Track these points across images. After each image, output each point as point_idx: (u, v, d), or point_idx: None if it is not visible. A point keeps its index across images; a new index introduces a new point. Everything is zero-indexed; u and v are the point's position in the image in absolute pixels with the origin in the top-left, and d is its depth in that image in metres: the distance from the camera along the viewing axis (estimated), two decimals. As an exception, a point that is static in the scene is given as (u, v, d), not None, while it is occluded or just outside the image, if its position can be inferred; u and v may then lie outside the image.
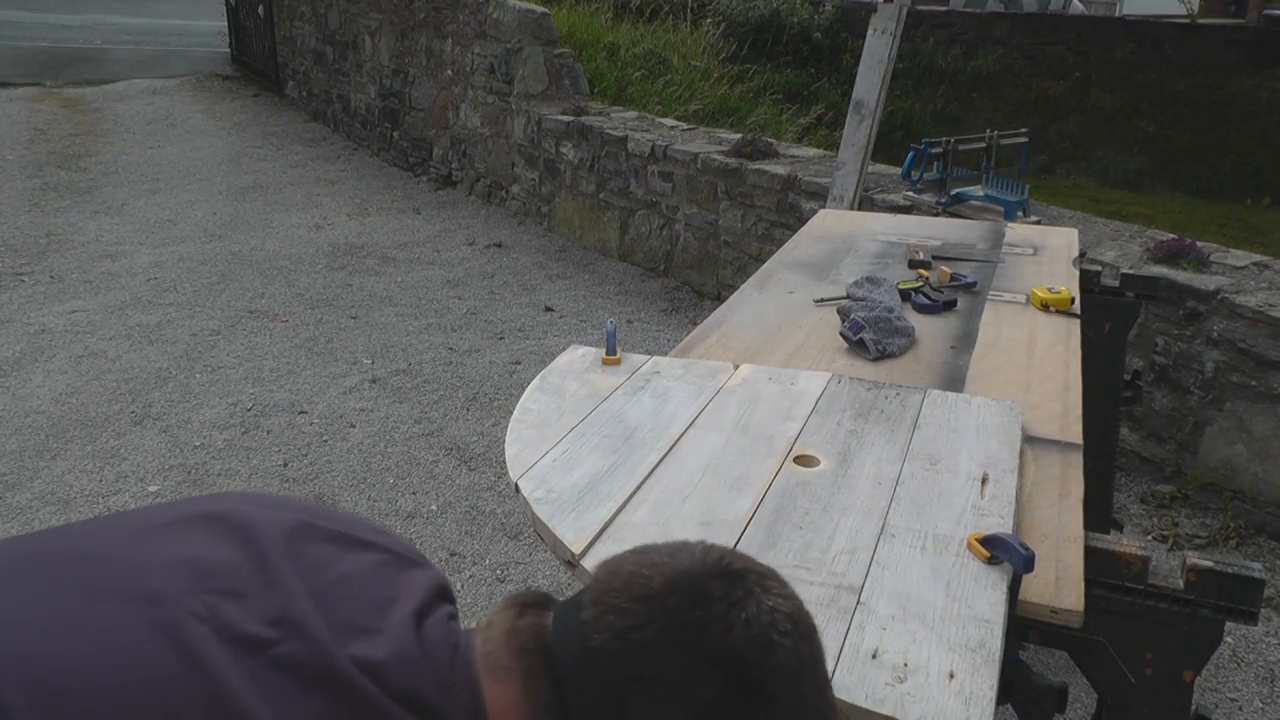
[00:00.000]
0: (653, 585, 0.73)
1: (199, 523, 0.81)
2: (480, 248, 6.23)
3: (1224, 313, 3.37)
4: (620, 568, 0.77)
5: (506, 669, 0.75)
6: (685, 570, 0.74)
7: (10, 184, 7.24)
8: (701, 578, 0.73)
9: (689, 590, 0.72)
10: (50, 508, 3.31)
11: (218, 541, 0.78)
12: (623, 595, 0.73)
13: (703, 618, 0.71)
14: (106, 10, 14.29)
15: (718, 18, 10.19)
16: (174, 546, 0.77)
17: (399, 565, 0.84)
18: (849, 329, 1.96)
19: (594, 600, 0.75)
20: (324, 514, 0.86)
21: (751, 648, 0.70)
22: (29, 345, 4.60)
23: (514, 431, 1.58)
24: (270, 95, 10.45)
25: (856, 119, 4.44)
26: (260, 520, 0.80)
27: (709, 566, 0.74)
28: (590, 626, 0.73)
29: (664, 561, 0.75)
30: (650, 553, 0.78)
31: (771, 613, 0.72)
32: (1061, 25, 15.11)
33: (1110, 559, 1.31)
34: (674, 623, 0.71)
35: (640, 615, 0.72)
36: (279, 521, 0.81)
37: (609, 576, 0.76)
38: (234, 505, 0.83)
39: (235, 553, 0.77)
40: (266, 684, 0.68)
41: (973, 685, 1.03)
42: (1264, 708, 2.61)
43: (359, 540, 0.84)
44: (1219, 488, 3.45)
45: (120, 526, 0.82)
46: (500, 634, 0.78)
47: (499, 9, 6.65)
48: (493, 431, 3.89)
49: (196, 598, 0.72)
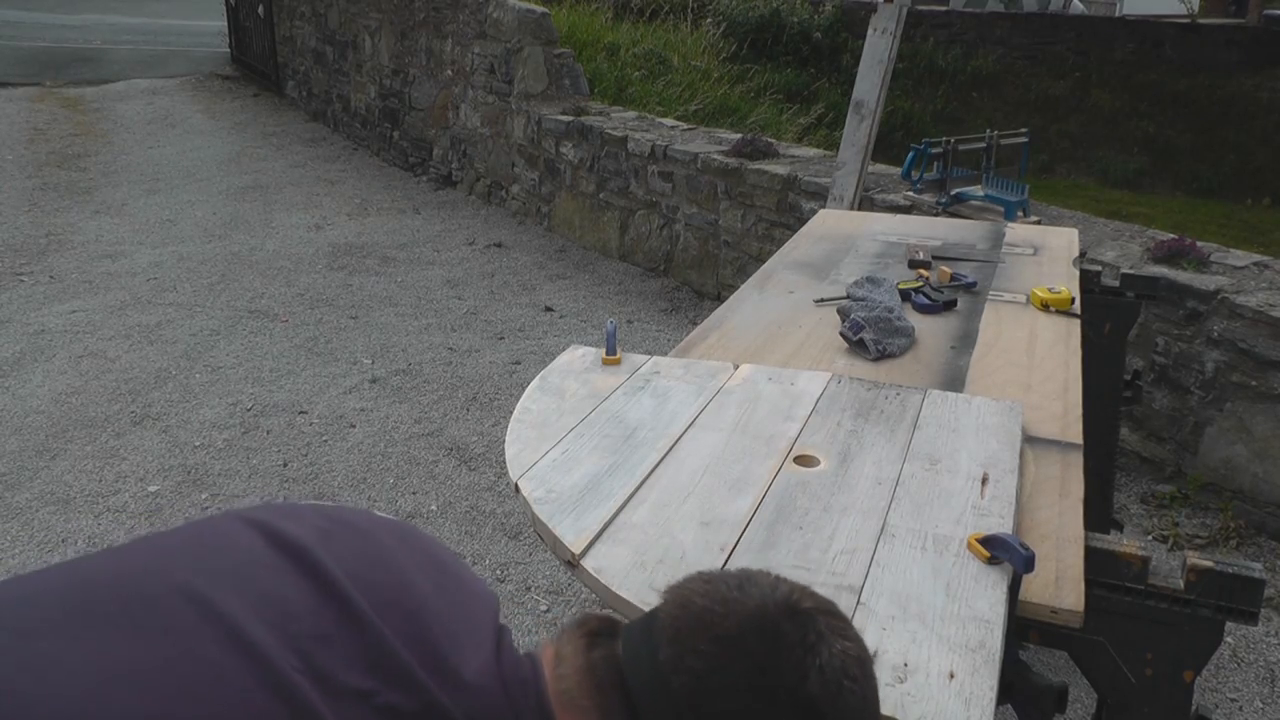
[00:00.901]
0: (729, 625, 0.75)
1: (263, 555, 0.78)
2: (480, 248, 6.23)
3: (1224, 313, 3.37)
4: (691, 601, 0.77)
5: (583, 707, 0.76)
6: (758, 610, 0.75)
7: (10, 184, 7.24)
8: (774, 618, 0.75)
9: (764, 633, 0.74)
10: (50, 508, 3.31)
11: (290, 579, 0.76)
12: (699, 636, 0.74)
13: (780, 664, 0.73)
14: (106, 10, 14.29)
15: (718, 18, 10.19)
16: (248, 583, 0.75)
17: (462, 589, 0.84)
18: (849, 329, 1.96)
19: (671, 639, 0.75)
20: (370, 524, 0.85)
21: (825, 694, 0.72)
22: (29, 345, 4.60)
23: (514, 431, 1.58)
24: (270, 95, 10.45)
25: (856, 119, 4.44)
26: (320, 552, 0.79)
27: (779, 605, 0.76)
28: (668, 667, 0.74)
29: (735, 598, 0.76)
30: (719, 585, 0.78)
31: (843, 657, 0.74)
32: (1061, 25, 15.10)
33: (1110, 559, 1.31)
34: (752, 667, 0.73)
35: (719, 658, 0.73)
36: (339, 549, 0.80)
37: (681, 612, 0.77)
38: (291, 531, 0.80)
39: (310, 593, 0.75)
40: None
41: (973, 685, 1.03)
42: (1264, 708, 2.61)
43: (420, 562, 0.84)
44: (1219, 488, 3.45)
45: (177, 552, 0.79)
46: (574, 670, 0.78)
47: (499, 9, 6.65)
48: (493, 431, 3.89)
49: (289, 646, 0.70)
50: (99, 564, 0.77)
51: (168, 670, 0.66)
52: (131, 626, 0.69)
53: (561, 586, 2.97)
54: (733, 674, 0.72)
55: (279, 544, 0.79)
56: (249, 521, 0.82)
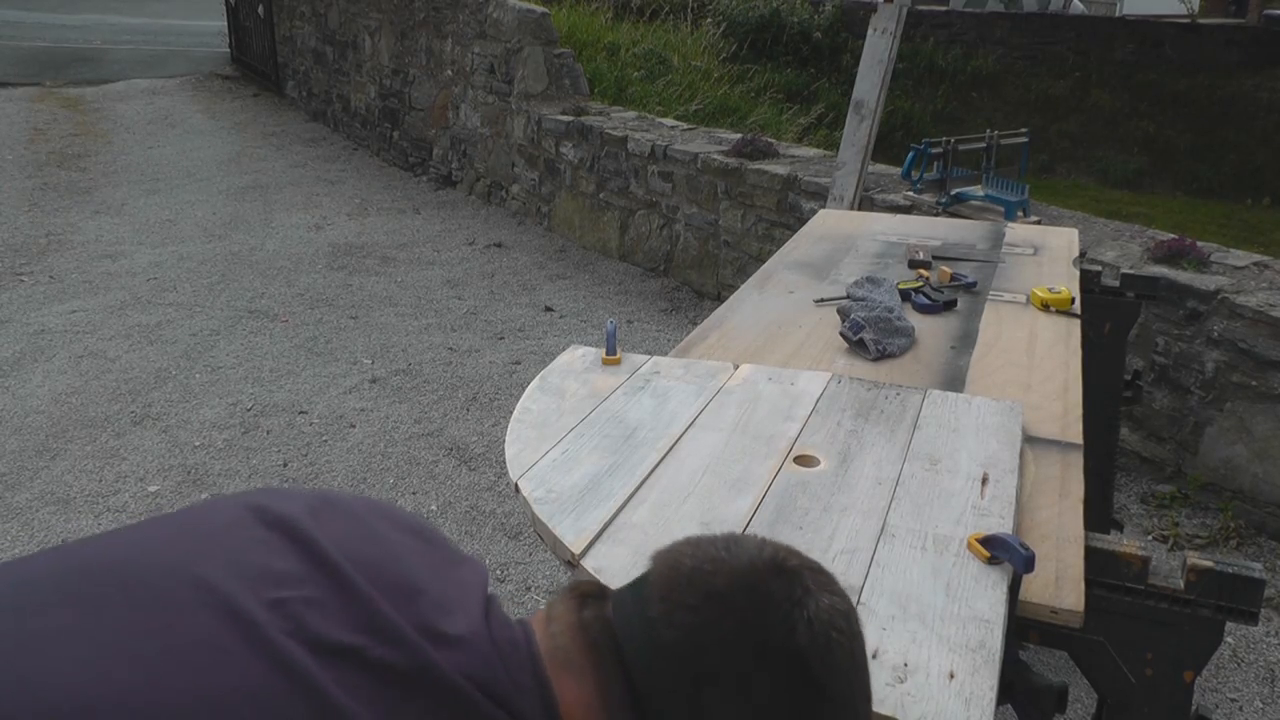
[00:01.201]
0: (718, 583, 0.76)
1: (253, 530, 0.79)
2: (480, 248, 6.23)
3: (1224, 313, 3.37)
4: (681, 562, 0.79)
5: (578, 665, 0.77)
6: (747, 567, 0.77)
7: (10, 184, 7.24)
8: (763, 575, 0.77)
9: (753, 589, 0.76)
10: (50, 508, 3.31)
11: (278, 551, 0.77)
12: (690, 592, 0.76)
13: (768, 618, 0.74)
14: (106, 10, 14.30)
15: (718, 17, 10.19)
16: (238, 555, 0.76)
17: (449, 561, 0.85)
18: (849, 329, 1.96)
19: (661, 596, 0.77)
20: (362, 507, 0.86)
21: (813, 646, 0.74)
22: (29, 345, 4.60)
23: (514, 431, 1.58)
24: (270, 95, 10.45)
25: (856, 119, 4.44)
26: (309, 525, 0.80)
27: (767, 563, 0.77)
28: (660, 623, 0.75)
29: (724, 557, 0.78)
30: (707, 547, 0.80)
31: (830, 611, 0.76)
32: (1061, 25, 15.10)
33: (1110, 559, 1.31)
34: (741, 621, 0.74)
35: (708, 613, 0.75)
36: (328, 525, 0.81)
37: (671, 572, 0.78)
38: (280, 508, 0.81)
39: (299, 563, 0.76)
40: (366, 691, 0.68)
41: (973, 685, 1.03)
42: (1264, 708, 2.61)
43: (408, 538, 0.85)
44: (1219, 488, 3.45)
45: (170, 532, 0.80)
46: (567, 628, 0.79)
47: (499, 9, 6.65)
48: (493, 431, 3.89)
49: (279, 612, 0.71)
50: (94, 547, 0.78)
51: (164, 645, 0.67)
52: (127, 605, 0.70)
53: (561, 586, 2.97)
54: (722, 628, 0.74)
55: (268, 520, 0.80)
56: (241, 503, 0.83)
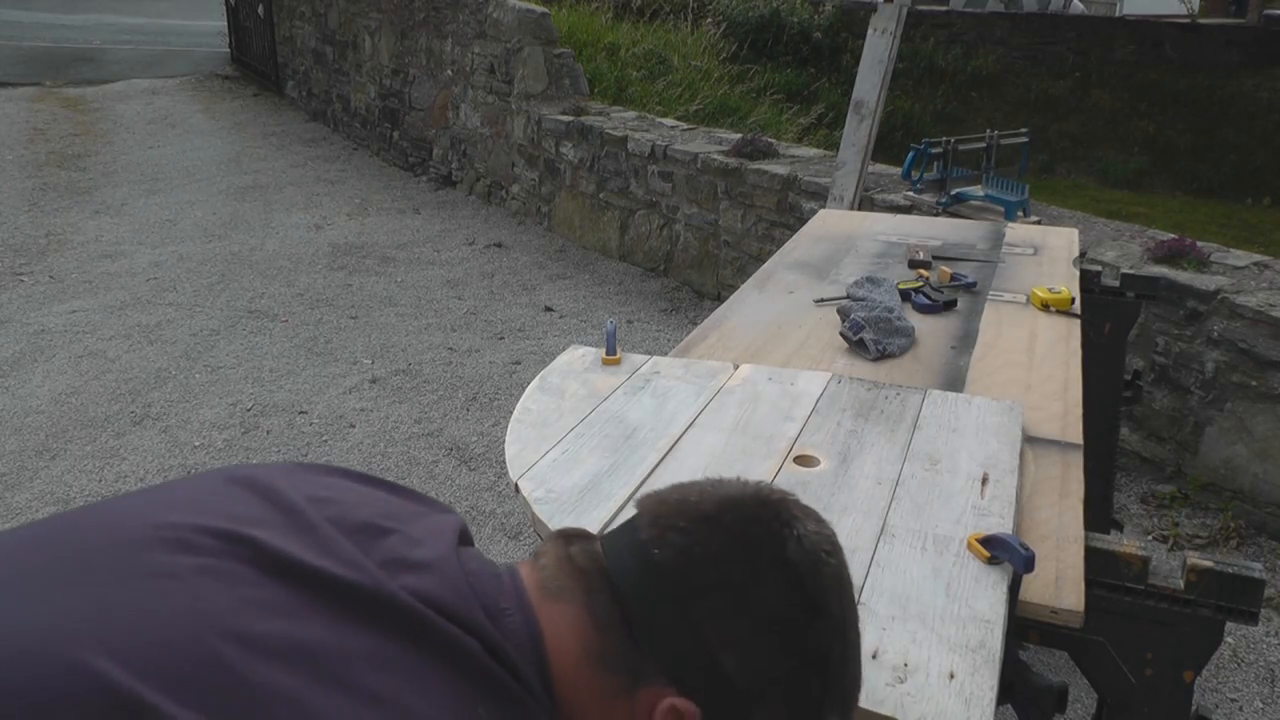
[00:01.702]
0: (706, 507, 0.77)
1: (216, 485, 0.80)
2: (480, 248, 6.23)
3: (1224, 313, 3.37)
4: (666, 497, 0.80)
5: (566, 589, 0.76)
6: (733, 495, 0.79)
7: (10, 184, 7.24)
8: (750, 500, 0.78)
9: (742, 510, 0.77)
10: (50, 508, 3.31)
11: (240, 499, 0.77)
12: (678, 517, 0.77)
13: (761, 533, 0.75)
14: (106, 10, 14.30)
15: (718, 18, 10.19)
16: (198, 504, 0.76)
17: (424, 507, 0.85)
18: (849, 329, 1.96)
19: (650, 522, 0.78)
20: (338, 470, 0.87)
21: (805, 562, 0.75)
22: (29, 345, 4.60)
23: (514, 431, 1.58)
24: (270, 95, 10.45)
25: (856, 119, 4.44)
26: (276, 480, 0.80)
27: (752, 493, 0.79)
28: (651, 544, 0.76)
29: (708, 490, 0.80)
30: (690, 485, 0.81)
31: (817, 535, 0.77)
32: (1061, 25, 15.10)
33: (1110, 559, 1.31)
34: (733, 537, 0.75)
35: (701, 532, 0.75)
36: (296, 480, 0.81)
37: (656, 504, 0.80)
38: (245, 470, 0.82)
39: (260, 507, 0.76)
40: (321, 612, 0.67)
41: (973, 685, 1.03)
42: (1264, 708, 2.61)
43: (381, 489, 0.85)
44: (1219, 488, 3.45)
45: (136, 498, 0.80)
46: (554, 560, 0.79)
47: (499, 9, 6.65)
48: (493, 431, 3.89)
49: (231, 539, 0.70)
50: (57, 517, 0.78)
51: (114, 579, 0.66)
52: (82, 550, 0.69)
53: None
54: (714, 544, 0.74)
55: (234, 478, 0.80)
56: (212, 470, 0.84)
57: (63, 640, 0.61)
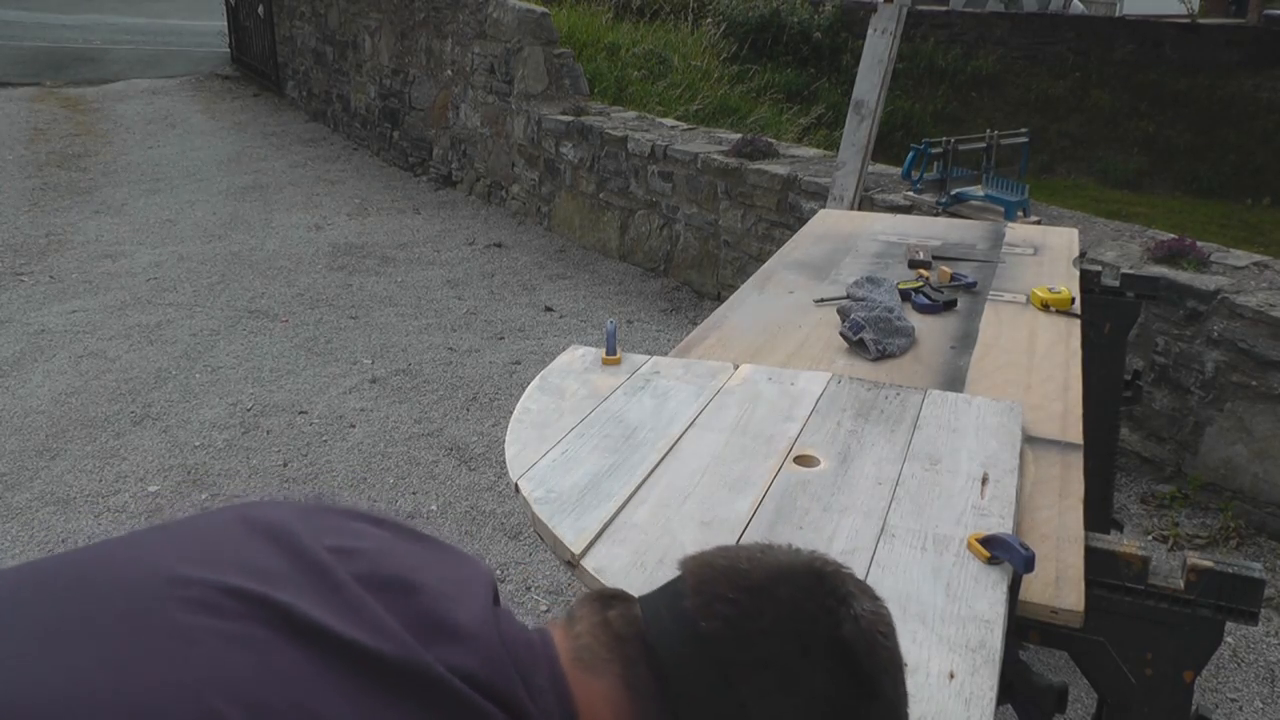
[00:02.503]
0: (756, 577, 0.73)
1: (234, 532, 0.75)
2: (480, 248, 6.23)
3: (1224, 313, 3.37)
4: (713, 562, 0.75)
5: (602, 660, 0.72)
6: (786, 565, 0.74)
7: (10, 184, 7.24)
8: (802, 573, 0.73)
9: (795, 584, 0.72)
10: (50, 508, 3.31)
11: (260, 550, 0.72)
12: (727, 586, 0.72)
13: (814, 610, 0.71)
14: (106, 10, 14.29)
15: (718, 18, 10.19)
16: (216, 553, 0.71)
17: (450, 560, 0.80)
18: (849, 329, 1.96)
19: (695, 589, 0.73)
20: (355, 512, 0.83)
21: (861, 642, 0.70)
22: (29, 345, 4.60)
23: (514, 431, 1.58)
24: (270, 95, 10.45)
25: (856, 119, 4.44)
26: (296, 527, 0.75)
27: (804, 564, 0.75)
28: (697, 615, 0.71)
29: (758, 557, 0.75)
30: (738, 551, 0.77)
31: (873, 615, 0.73)
32: (1061, 25, 15.10)
33: (1110, 559, 1.31)
34: (785, 612, 0.71)
35: (751, 604, 0.71)
36: (316, 526, 0.76)
37: (702, 569, 0.75)
38: (261, 513, 0.77)
39: (281, 559, 0.71)
40: (349, 685, 0.63)
41: (973, 685, 1.03)
42: (1264, 708, 2.61)
43: (403, 536, 0.80)
44: (1219, 488, 3.45)
45: (149, 539, 0.76)
46: (591, 628, 0.75)
47: (499, 9, 6.65)
48: (493, 431, 3.89)
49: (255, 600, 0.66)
50: (65, 557, 0.74)
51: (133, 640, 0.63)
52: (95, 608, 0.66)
53: (561, 586, 2.97)
54: (765, 619, 0.70)
55: (251, 523, 0.76)
56: (226, 511, 0.79)
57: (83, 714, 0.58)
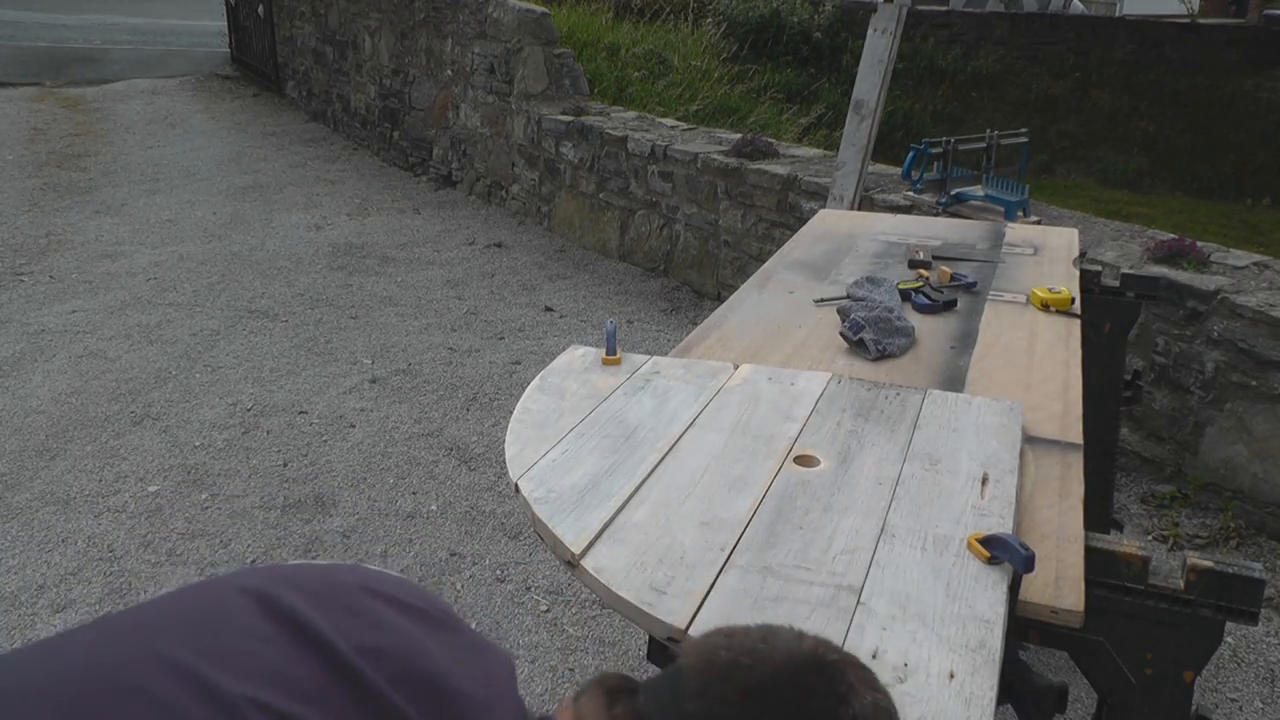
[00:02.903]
0: (757, 676, 0.73)
1: (257, 624, 0.73)
2: (480, 248, 6.23)
3: (1224, 313, 3.37)
4: (716, 655, 0.76)
5: None
6: (787, 661, 0.75)
7: (10, 184, 7.24)
8: (804, 670, 0.74)
9: (796, 684, 0.73)
10: (50, 508, 3.31)
11: (288, 652, 0.71)
12: (728, 687, 0.73)
13: (813, 712, 0.72)
14: (106, 10, 14.29)
15: (718, 18, 10.19)
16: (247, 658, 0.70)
17: (473, 649, 0.82)
18: (849, 329, 1.96)
19: (698, 691, 0.74)
20: (367, 590, 0.81)
21: None
22: (29, 345, 4.60)
23: (514, 431, 1.58)
24: (270, 95, 10.45)
25: (856, 119, 4.44)
26: (319, 618, 0.74)
27: (807, 657, 0.75)
28: (698, 718, 0.73)
29: (762, 650, 0.76)
30: (742, 638, 0.78)
31: (874, 708, 0.74)
32: (1061, 25, 15.10)
33: (1110, 559, 1.31)
34: (785, 716, 0.72)
35: (751, 708, 0.72)
36: (336, 616, 0.75)
37: (706, 665, 0.76)
38: (278, 593, 0.75)
39: (315, 668, 0.71)
40: None
41: (973, 685, 1.03)
42: (1264, 708, 2.61)
43: (421, 620, 0.81)
44: (1219, 488, 3.45)
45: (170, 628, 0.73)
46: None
47: (499, 9, 6.65)
48: (493, 431, 3.89)
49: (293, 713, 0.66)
50: (79, 649, 0.71)
51: None
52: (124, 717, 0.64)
53: (561, 586, 2.97)
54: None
55: (270, 609, 0.74)
56: (241, 589, 0.77)
57: None
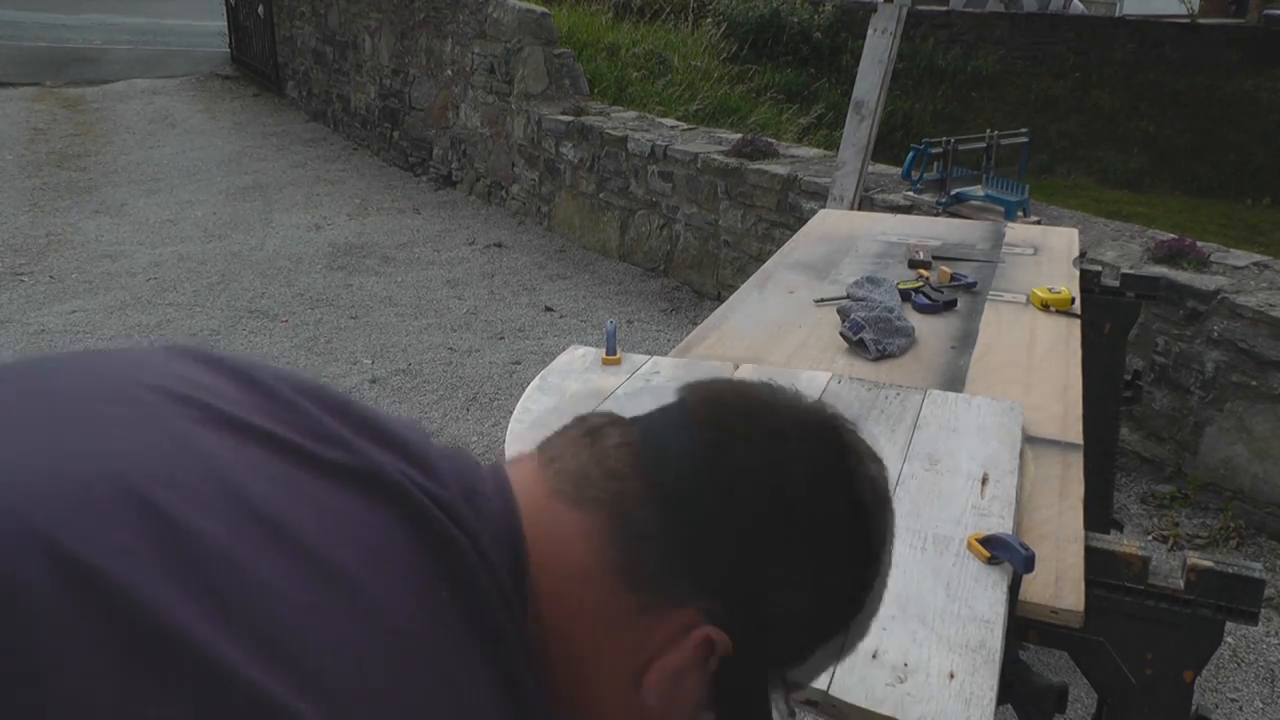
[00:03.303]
0: (776, 423, 0.67)
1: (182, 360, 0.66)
2: (480, 248, 6.23)
3: (1224, 313, 3.37)
4: (724, 399, 0.69)
5: (590, 499, 0.64)
6: (806, 413, 0.69)
7: (10, 184, 7.24)
8: (823, 424, 0.69)
9: (820, 435, 0.68)
10: (50, 508, 3.31)
11: (213, 373, 0.64)
12: (746, 426, 0.66)
13: (838, 465, 0.67)
14: (106, 10, 14.29)
15: (718, 18, 10.19)
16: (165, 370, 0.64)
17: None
18: (849, 329, 1.96)
19: (713, 426, 0.66)
20: None
21: (875, 505, 0.68)
22: (29, 345, 4.60)
23: (514, 431, 1.58)
24: (270, 95, 10.45)
25: (856, 119, 4.44)
26: (244, 362, 0.68)
27: (816, 415, 0.70)
28: (718, 454, 0.65)
29: (770, 400, 0.69)
30: (747, 388, 0.71)
31: (882, 480, 0.70)
32: (1061, 25, 15.10)
33: (1110, 559, 1.31)
34: (810, 466, 0.66)
35: (775, 452, 0.66)
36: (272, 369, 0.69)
37: (715, 407, 0.68)
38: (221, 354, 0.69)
39: (231, 382, 0.64)
40: (307, 487, 0.57)
41: (973, 685, 1.03)
42: (1264, 708, 2.61)
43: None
44: (1219, 488, 3.45)
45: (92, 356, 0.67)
46: (578, 465, 0.66)
47: (499, 9, 6.65)
48: (493, 432, 3.89)
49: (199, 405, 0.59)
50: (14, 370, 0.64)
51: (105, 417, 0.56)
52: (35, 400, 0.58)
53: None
54: (790, 469, 0.65)
55: (200, 358, 0.67)
56: (167, 347, 0.71)
57: None
